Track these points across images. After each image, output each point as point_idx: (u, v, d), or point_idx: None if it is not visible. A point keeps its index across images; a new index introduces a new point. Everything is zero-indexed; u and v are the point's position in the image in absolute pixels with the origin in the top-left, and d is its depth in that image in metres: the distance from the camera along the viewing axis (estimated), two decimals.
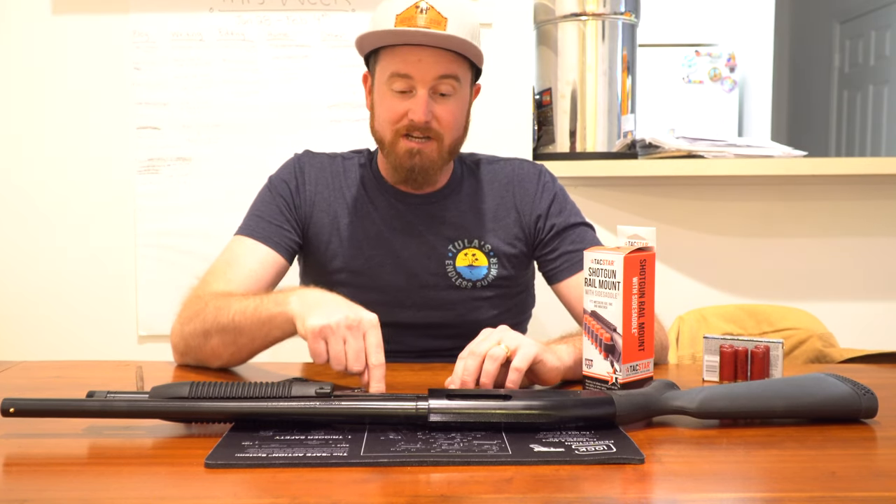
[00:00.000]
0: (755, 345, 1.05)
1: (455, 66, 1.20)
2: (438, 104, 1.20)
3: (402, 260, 1.28)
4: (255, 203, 1.31)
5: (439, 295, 1.28)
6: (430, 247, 1.29)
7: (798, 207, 2.01)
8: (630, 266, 0.94)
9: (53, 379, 1.09)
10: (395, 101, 1.20)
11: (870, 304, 2.02)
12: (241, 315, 1.05)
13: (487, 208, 1.32)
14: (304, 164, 1.33)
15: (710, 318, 1.72)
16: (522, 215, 1.32)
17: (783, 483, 0.72)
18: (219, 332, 1.07)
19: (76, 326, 1.94)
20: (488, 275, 1.29)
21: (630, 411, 0.84)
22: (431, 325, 1.27)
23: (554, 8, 1.97)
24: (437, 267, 1.28)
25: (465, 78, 1.24)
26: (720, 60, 3.92)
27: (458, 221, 1.30)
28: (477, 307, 1.29)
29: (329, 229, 1.29)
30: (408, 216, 1.30)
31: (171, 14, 1.90)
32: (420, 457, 0.74)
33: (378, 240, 1.29)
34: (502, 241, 1.30)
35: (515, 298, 1.35)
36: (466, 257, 1.29)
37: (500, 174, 1.34)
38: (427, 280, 1.28)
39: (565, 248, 1.29)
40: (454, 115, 1.22)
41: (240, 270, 1.20)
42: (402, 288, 1.28)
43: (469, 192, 1.33)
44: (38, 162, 1.92)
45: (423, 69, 1.18)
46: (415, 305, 1.27)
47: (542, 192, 1.32)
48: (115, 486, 0.70)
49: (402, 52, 1.18)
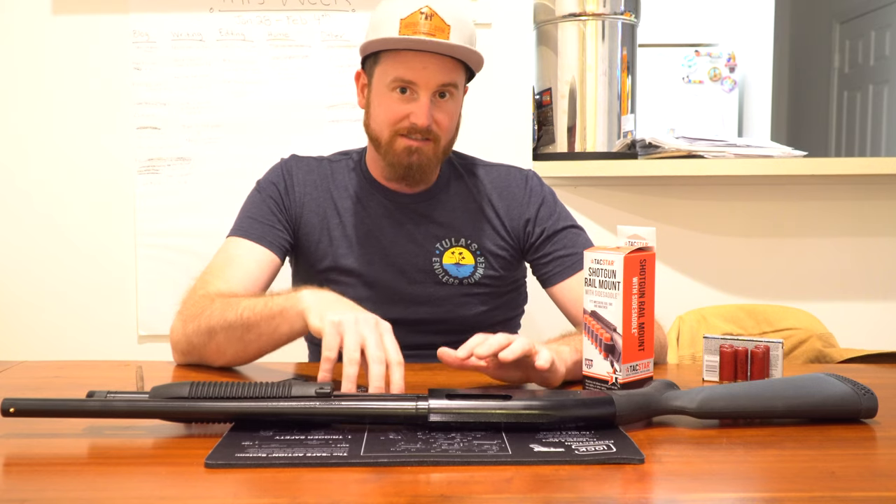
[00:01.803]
0: (755, 345, 1.05)
1: (455, 73, 1.23)
2: (438, 108, 1.22)
3: (391, 257, 1.30)
4: (246, 206, 1.32)
5: (427, 291, 1.30)
6: (418, 244, 1.30)
7: (798, 207, 2.01)
8: (630, 266, 0.94)
9: (53, 379, 1.09)
10: (397, 104, 1.22)
11: (870, 304, 2.02)
12: (249, 311, 1.05)
13: (475, 210, 1.33)
14: (291, 168, 1.35)
15: (710, 318, 1.72)
16: (510, 220, 1.33)
17: (783, 483, 0.72)
18: (224, 329, 1.07)
19: (76, 326, 1.94)
20: (475, 273, 1.31)
21: (630, 411, 0.84)
22: (420, 321, 1.28)
23: (554, 8, 1.97)
24: (424, 263, 1.30)
25: (462, 81, 1.27)
26: (720, 60, 3.92)
27: (446, 220, 1.32)
28: (465, 303, 1.30)
29: (319, 229, 1.31)
30: (396, 214, 1.31)
31: (171, 14, 1.90)
32: (420, 457, 0.74)
33: (367, 237, 1.30)
34: (489, 243, 1.32)
35: (505, 296, 1.36)
36: (453, 255, 1.30)
37: (487, 179, 1.36)
38: (415, 276, 1.30)
39: (557, 253, 1.30)
40: (451, 118, 1.25)
41: (238, 270, 1.21)
42: (390, 284, 1.29)
43: (457, 192, 1.34)
44: (38, 162, 1.92)
45: (427, 76, 1.19)
46: (403, 301, 1.29)
47: (529, 197, 1.34)
48: (115, 486, 0.70)
49: (407, 57, 1.20)
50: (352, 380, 0.90)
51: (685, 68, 3.93)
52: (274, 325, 1.04)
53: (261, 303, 1.06)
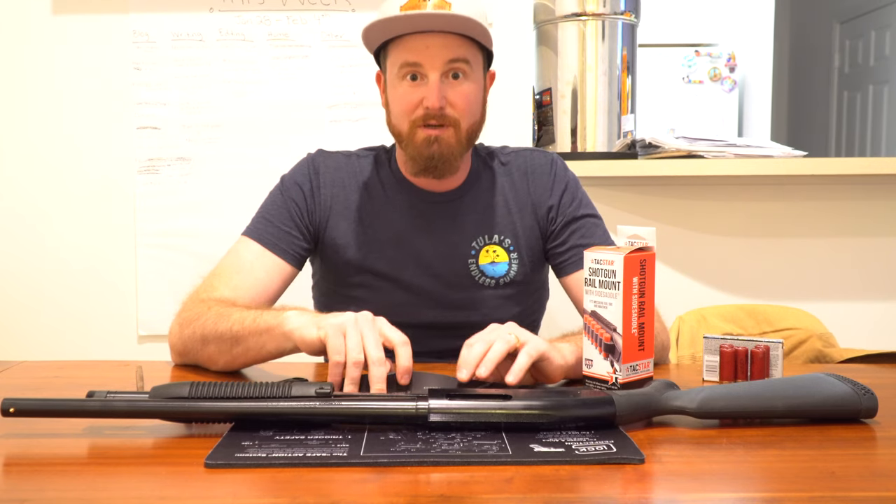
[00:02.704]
0: (755, 345, 1.05)
1: (464, 49, 1.18)
2: (451, 88, 1.19)
3: (425, 260, 1.26)
4: (266, 204, 1.28)
5: (464, 295, 1.27)
6: (453, 246, 1.27)
7: (798, 207, 2.01)
8: (630, 266, 0.94)
9: (53, 379, 1.09)
10: (409, 91, 1.19)
11: (870, 304, 2.02)
12: (239, 325, 1.05)
13: (505, 202, 1.30)
14: (318, 165, 1.30)
15: (709, 318, 1.72)
16: (537, 207, 1.30)
17: (783, 483, 0.72)
18: (215, 340, 1.07)
19: (76, 326, 1.94)
20: (509, 271, 1.28)
21: (630, 411, 0.84)
22: (456, 325, 1.23)
23: (554, 8, 1.97)
24: (460, 267, 1.27)
25: (476, 61, 1.22)
26: (720, 60, 3.92)
27: (478, 218, 1.29)
28: (500, 305, 1.28)
29: (348, 232, 1.27)
30: (429, 215, 1.28)
31: (171, 14, 1.90)
32: (420, 457, 0.74)
33: (399, 241, 1.27)
34: (520, 235, 1.29)
35: (534, 295, 1.34)
36: (488, 254, 1.27)
37: (513, 166, 1.33)
38: (451, 280, 1.27)
39: (574, 242, 1.28)
40: (468, 98, 1.20)
41: (246, 278, 1.19)
42: (425, 289, 1.26)
43: (487, 186, 1.31)
44: (38, 162, 1.92)
45: (431, 55, 1.17)
46: (439, 306, 1.26)
47: (553, 183, 1.31)
48: (115, 486, 0.70)
49: (410, 40, 1.17)
50: (354, 381, 0.90)
51: (685, 68, 3.94)
52: (261, 342, 1.03)
53: (250, 317, 1.04)
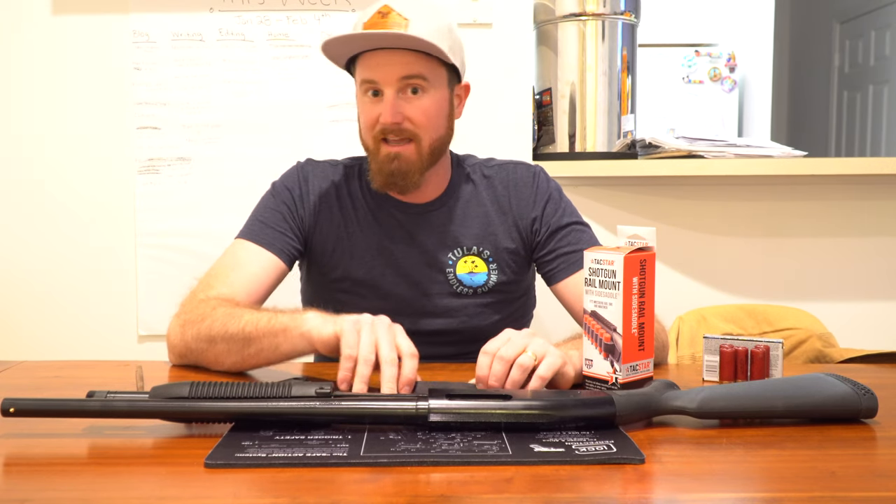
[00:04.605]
0: (755, 345, 1.05)
1: (419, 65, 1.19)
2: (408, 104, 1.20)
3: (404, 269, 1.29)
4: (258, 208, 1.31)
5: (441, 302, 1.29)
6: (431, 256, 1.29)
7: (798, 207, 2.01)
8: (630, 266, 0.94)
9: (53, 379, 1.09)
10: (369, 107, 1.22)
11: (870, 304, 2.02)
12: (252, 325, 1.05)
13: (485, 213, 1.32)
14: (307, 174, 1.33)
15: (709, 318, 1.72)
16: (519, 219, 1.32)
17: (783, 483, 0.72)
18: (225, 340, 1.07)
19: (76, 326, 1.94)
20: (488, 281, 1.30)
21: (630, 411, 0.84)
22: (434, 332, 1.27)
23: (554, 8, 1.97)
24: (438, 275, 1.29)
25: (436, 76, 1.22)
26: (720, 60, 3.92)
27: (457, 229, 1.30)
28: (478, 313, 1.30)
29: (332, 238, 1.30)
30: (408, 226, 1.30)
31: (171, 14, 1.90)
32: (420, 457, 0.74)
33: (379, 250, 1.29)
34: (500, 247, 1.31)
35: (516, 303, 1.35)
36: (466, 265, 1.29)
37: (496, 179, 1.34)
38: (429, 288, 1.29)
39: (561, 249, 1.29)
40: (427, 113, 1.21)
41: (242, 274, 1.21)
42: (404, 297, 1.28)
43: (467, 198, 1.33)
44: (38, 162, 1.92)
45: (386, 72, 1.19)
46: (416, 313, 1.28)
47: (536, 195, 1.33)
48: (115, 486, 0.70)
49: (369, 57, 1.20)
50: (365, 380, 0.90)
51: (685, 68, 3.94)
52: (276, 343, 1.04)
53: (264, 318, 1.05)
